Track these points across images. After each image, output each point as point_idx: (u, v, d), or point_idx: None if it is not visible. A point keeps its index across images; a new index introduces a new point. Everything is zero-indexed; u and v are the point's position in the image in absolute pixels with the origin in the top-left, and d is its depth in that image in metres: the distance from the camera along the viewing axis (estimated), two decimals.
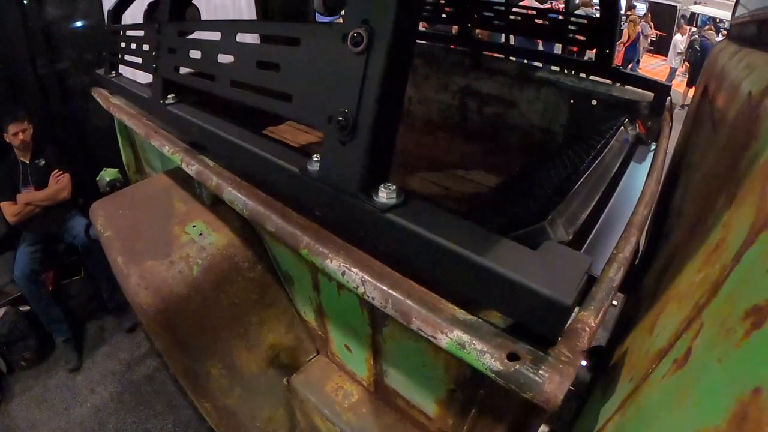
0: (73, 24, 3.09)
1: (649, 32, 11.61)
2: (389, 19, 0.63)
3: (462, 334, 0.58)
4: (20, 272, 2.43)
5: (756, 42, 1.19)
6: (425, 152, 2.51)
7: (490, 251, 0.57)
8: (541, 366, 0.53)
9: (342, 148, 0.71)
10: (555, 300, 0.50)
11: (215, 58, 1.01)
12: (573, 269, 0.54)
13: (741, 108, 0.77)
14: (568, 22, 2.18)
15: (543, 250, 0.58)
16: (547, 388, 0.51)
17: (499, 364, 0.54)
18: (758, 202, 0.41)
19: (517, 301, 0.54)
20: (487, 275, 0.56)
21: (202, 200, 1.34)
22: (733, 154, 0.66)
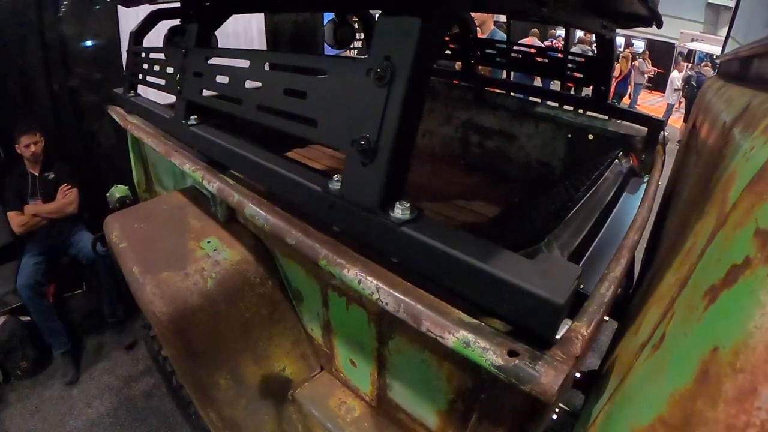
0: (89, 42, 3.25)
1: (646, 69, 12.07)
2: (409, 57, 0.75)
3: (467, 333, 0.67)
4: (23, 282, 2.51)
5: (738, 77, 1.33)
6: (428, 182, 2.63)
7: (492, 259, 0.67)
8: (537, 362, 0.62)
9: (363, 168, 0.81)
10: (549, 300, 0.59)
11: (243, 84, 1.13)
12: (565, 275, 0.64)
13: (717, 137, 0.88)
14: (566, 61, 2.35)
15: (539, 260, 0.68)
16: (543, 380, 0.59)
17: (501, 359, 0.63)
18: (718, 210, 0.52)
19: (516, 302, 0.63)
20: (491, 280, 0.66)
21: (216, 218, 1.44)
22: (707, 177, 0.77)
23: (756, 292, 0.33)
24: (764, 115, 0.65)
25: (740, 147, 0.64)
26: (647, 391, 0.45)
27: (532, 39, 8.17)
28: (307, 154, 2.88)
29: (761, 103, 0.76)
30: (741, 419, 0.30)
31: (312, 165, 2.73)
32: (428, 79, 0.83)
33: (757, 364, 0.30)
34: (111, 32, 3.24)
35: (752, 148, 0.56)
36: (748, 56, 1.33)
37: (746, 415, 0.30)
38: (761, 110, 0.71)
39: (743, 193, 0.45)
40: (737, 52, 1.54)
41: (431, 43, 0.77)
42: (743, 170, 0.51)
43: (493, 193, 2.50)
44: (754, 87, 1.02)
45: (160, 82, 1.62)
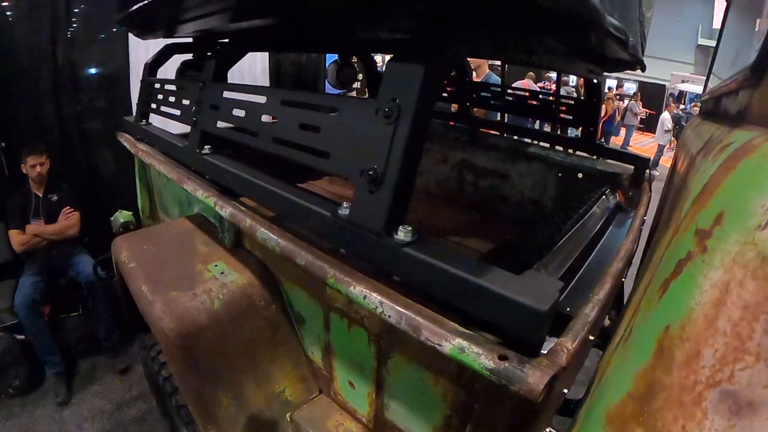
0: (99, 70, 3.44)
1: (638, 111, 12.59)
2: (413, 99, 0.89)
3: (462, 341, 0.78)
4: (21, 300, 2.58)
5: (712, 114, 1.49)
6: (424, 220, 2.77)
7: (485, 275, 0.79)
8: (525, 365, 0.73)
9: (370, 196, 0.94)
10: (534, 308, 0.71)
11: (259, 117, 1.27)
12: (547, 288, 0.76)
13: (686, 167, 1.02)
14: (557, 103, 2.54)
15: (525, 276, 0.80)
16: (530, 380, 0.70)
17: (492, 363, 0.74)
18: (676, 223, 0.64)
19: (505, 311, 0.75)
20: (483, 293, 0.77)
21: (223, 244, 1.55)
22: (674, 202, 0.90)
23: (695, 277, 0.44)
24: (717, 144, 0.79)
25: (698, 171, 0.77)
26: (618, 375, 0.55)
27: (528, 81, 8.58)
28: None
29: (720, 134, 0.90)
30: (690, 378, 0.41)
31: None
32: (430, 118, 0.97)
33: (699, 332, 0.41)
34: (121, 61, 3.44)
35: (704, 170, 0.69)
36: (718, 95, 1.50)
37: (694, 374, 0.40)
38: (717, 140, 0.85)
39: (691, 204, 0.57)
40: (712, 92, 1.73)
41: (433, 86, 0.92)
42: (695, 188, 0.64)
43: (486, 230, 2.63)
44: (720, 122, 1.17)
45: (175, 113, 1.77)
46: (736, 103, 1.04)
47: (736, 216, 0.42)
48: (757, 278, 0.37)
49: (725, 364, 0.38)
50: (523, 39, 1.30)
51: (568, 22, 1.01)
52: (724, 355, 0.38)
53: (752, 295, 0.37)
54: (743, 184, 0.45)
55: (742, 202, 0.42)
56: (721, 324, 0.39)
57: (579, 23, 1.04)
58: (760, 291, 0.37)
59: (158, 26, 1.88)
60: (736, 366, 0.37)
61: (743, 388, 0.37)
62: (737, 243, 0.40)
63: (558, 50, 1.59)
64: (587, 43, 1.35)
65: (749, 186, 0.43)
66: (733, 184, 0.47)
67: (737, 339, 0.37)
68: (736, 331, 0.38)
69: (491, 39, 1.29)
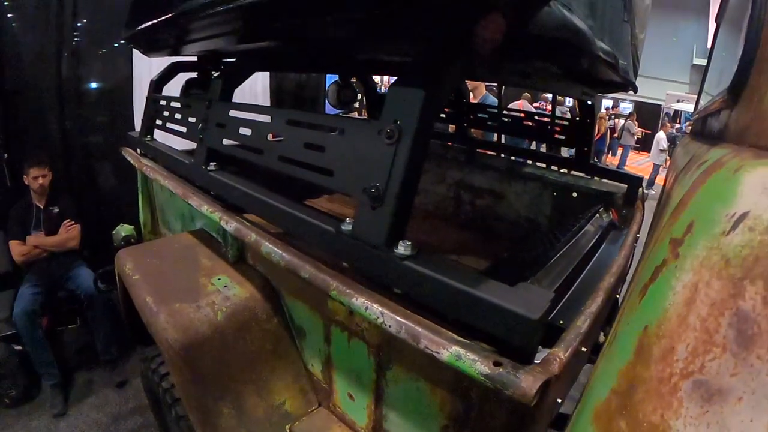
0: (103, 84, 3.51)
1: (634, 131, 12.80)
2: (413, 121, 0.95)
3: (459, 348, 0.82)
4: (20, 310, 2.60)
5: (700, 133, 1.56)
6: (422, 239, 2.82)
7: (480, 286, 0.84)
8: (519, 370, 0.77)
9: (372, 212, 0.99)
10: (526, 316, 0.76)
11: (265, 136, 1.32)
12: (539, 298, 0.80)
13: (672, 183, 1.08)
14: (552, 124, 2.62)
15: (518, 287, 0.85)
16: (523, 384, 0.74)
17: (487, 368, 0.78)
18: (657, 235, 0.69)
19: (500, 320, 0.79)
20: (479, 303, 0.82)
21: (226, 258, 1.60)
22: (659, 217, 0.96)
23: (669, 280, 0.49)
24: (697, 161, 0.85)
25: (679, 186, 0.83)
26: (603, 375, 0.60)
27: (523, 102, 8.74)
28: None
29: (701, 152, 0.96)
30: (667, 372, 0.45)
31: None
32: (429, 139, 1.02)
33: (673, 329, 0.46)
34: (125, 76, 3.52)
35: (683, 186, 0.74)
36: (704, 115, 1.57)
37: (670, 367, 0.45)
38: (698, 158, 0.91)
39: (669, 216, 0.63)
40: (700, 112, 1.80)
41: (432, 109, 0.98)
42: (674, 202, 0.69)
43: (483, 248, 2.69)
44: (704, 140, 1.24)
45: (181, 129, 1.82)
46: (718, 122, 1.10)
47: (704, 225, 0.47)
48: (721, 278, 0.42)
49: (696, 356, 0.43)
50: (517, 63, 1.37)
51: (559, 47, 1.08)
52: (695, 348, 0.43)
53: (717, 293, 0.42)
54: (711, 197, 0.50)
55: (709, 212, 0.47)
56: (691, 320, 0.44)
57: (570, 49, 1.11)
58: (725, 289, 0.42)
59: (164, 45, 1.95)
60: (706, 357, 0.42)
61: (713, 377, 0.41)
62: (704, 248, 0.45)
63: (551, 73, 1.67)
64: (579, 67, 1.42)
65: (716, 198, 0.49)
66: (703, 197, 0.52)
67: (706, 333, 0.42)
68: (704, 326, 0.42)
69: (488, 63, 1.35)
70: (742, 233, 0.42)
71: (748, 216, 0.43)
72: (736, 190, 0.47)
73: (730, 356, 0.41)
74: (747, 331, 0.40)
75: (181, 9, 1.47)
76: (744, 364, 0.40)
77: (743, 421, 0.39)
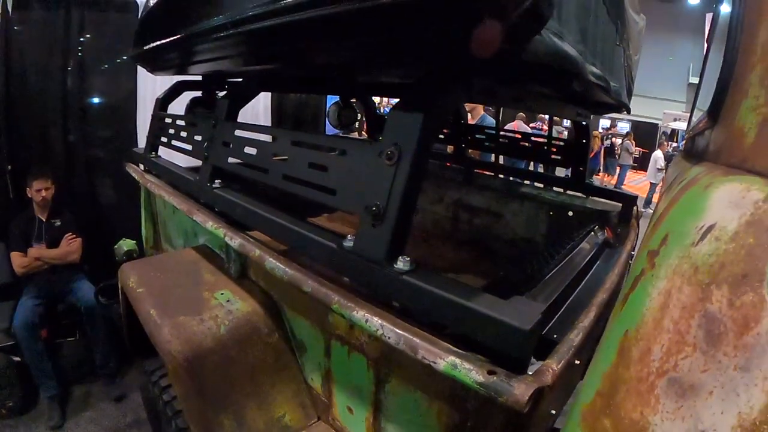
0: (107, 100, 3.59)
1: (632, 150, 12.95)
2: (413, 143, 1.01)
3: (455, 358, 0.86)
4: (21, 321, 2.63)
5: (689, 152, 1.61)
6: (420, 258, 2.85)
7: (476, 299, 0.88)
8: (512, 379, 0.80)
9: (373, 229, 1.04)
10: (518, 327, 0.80)
11: (270, 156, 1.38)
12: (531, 310, 0.85)
13: (659, 201, 1.13)
14: (548, 145, 2.69)
15: (512, 301, 0.90)
16: (516, 392, 0.78)
17: (482, 377, 0.82)
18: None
19: (493, 331, 0.83)
20: (474, 315, 0.86)
21: (228, 274, 1.64)
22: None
23: (646, 288, 0.54)
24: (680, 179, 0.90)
25: (663, 203, 0.88)
26: (590, 379, 0.64)
27: (518, 123, 8.86)
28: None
29: (684, 170, 1.01)
30: (644, 371, 0.49)
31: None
32: (428, 160, 1.08)
33: (649, 332, 0.51)
34: (129, 92, 3.59)
35: (665, 202, 0.79)
36: (693, 135, 1.63)
37: (647, 367, 0.49)
38: (681, 176, 0.96)
39: (650, 230, 0.67)
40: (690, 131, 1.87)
41: (430, 132, 1.03)
42: (655, 218, 0.74)
43: (480, 267, 2.73)
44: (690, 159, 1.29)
45: (186, 147, 1.88)
46: (702, 142, 1.16)
47: (677, 237, 0.52)
48: (691, 284, 0.47)
49: (670, 355, 0.47)
50: (512, 87, 1.43)
51: (551, 73, 1.14)
52: (669, 348, 0.47)
53: (688, 297, 0.47)
54: (684, 211, 0.55)
55: (682, 225, 0.52)
56: (665, 323, 0.48)
57: (562, 74, 1.17)
58: (694, 294, 0.46)
59: (170, 65, 2.02)
60: (679, 356, 0.46)
61: (685, 374, 0.45)
62: (677, 258, 0.50)
63: (545, 96, 1.74)
64: (571, 90, 1.49)
65: (688, 212, 0.53)
66: (677, 212, 0.57)
67: (678, 334, 0.47)
68: (677, 328, 0.47)
69: (484, 87, 1.42)
70: (709, 243, 0.47)
71: (715, 227, 0.48)
72: (705, 204, 0.51)
73: (700, 354, 0.45)
74: (714, 330, 0.44)
75: (188, 32, 1.54)
76: (713, 360, 0.44)
77: (714, 413, 0.43)
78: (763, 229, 0.44)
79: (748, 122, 0.57)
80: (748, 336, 0.42)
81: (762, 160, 0.53)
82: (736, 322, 0.43)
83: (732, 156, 0.60)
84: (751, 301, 0.43)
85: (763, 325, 0.42)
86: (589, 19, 1.45)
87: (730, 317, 0.44)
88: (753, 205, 0.47)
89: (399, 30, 0.89)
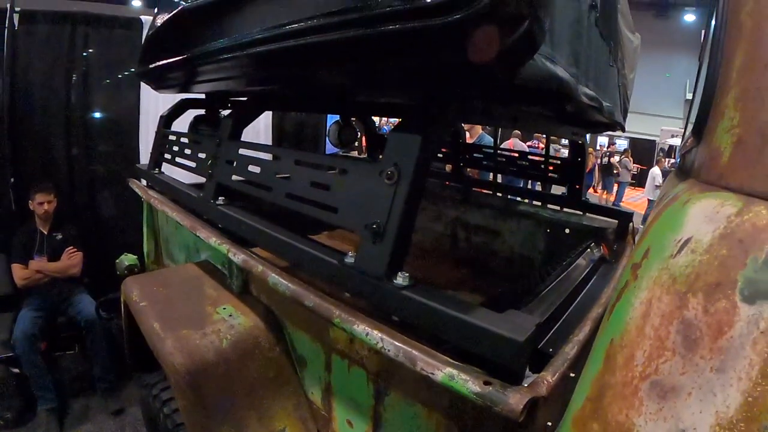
0: (110, 115, 3.64)
1: (631, 167, 13.03)
2: (412, 164, 1.05)
3: (452, 370, 0.89)
4: (21, 333, 2.65)
5: (681, 170, 1.65)
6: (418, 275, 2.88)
7: (472, 313, 0.92)
8: (507, 389, 0.83)
9: (373, 246, 1.08)
10: (513, 339, 0.83)
11: (274, 174, 1.42)
12: (525, 323, 0.88)
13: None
14: (545, 163, 2.74)
15: (506, 314, 0.93)
16: (511, 401, 0.81)
17: (478, 387, 0.85)
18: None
19: (489, 343, 0.87)
20: (470, 328, 0.89)
21: (230, 289, 1.67)
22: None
23: (630, 299, 0.58)
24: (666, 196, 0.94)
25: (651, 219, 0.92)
26: (580, 387, 0.67)
27: (514, 141, 8.94)
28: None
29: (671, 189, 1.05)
30: (628, 375, 0.53)
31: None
32: (426, 179, 1.12)
33: (632, 339, 0.54)
34: (132, 108, 3.65)
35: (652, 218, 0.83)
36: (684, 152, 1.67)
37: (631, 372, 0.53)
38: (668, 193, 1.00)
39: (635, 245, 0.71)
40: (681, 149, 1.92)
41: (429, 153, 1.08)
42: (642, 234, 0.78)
43: (478, 284, 2.75)
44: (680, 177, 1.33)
45: (190, 164, 1.93)
46: (690, 159, 1.20)
47: (658, 250, 0.56)
48: (670, 293, 0.51)
49: (652, 360, 0.50)
50: (507, 108, 1.49)
51: (544, 95, 1.19)
52: (651, 353, 0.51)
53: (667, 306, 0.50)
54: (664, 226, 0.59)
55: (662, 239, 0.56)
56: (647, 330, 0.52)
57: (554, 96, 1.22)
58: (672, 302, 0.50)
59: (174, 83, 2.07)
60: (660, 360, 0.50)
61: (666, 376, 0.49)
62: (657, 269, 0.54)
63: (540, 116, 1.79)
64: (565, 111, 1.54)
65: (668, 227, 0.57)
66: (658, 226, 0.61)
67: (658, 340, 0.50)
68: (657, 334, 0.50)
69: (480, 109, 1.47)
70: (686, 255, 0.51)
71: (691, 240, 0.52)
72: (683, 219, 0.55)
73: (679, 358, 0.48)
74: (691, 335, 0.48)
75: (194, 52, 1.59)
76: (690, 363, 0.48)
77: (693, 413, 0.46)
78: (735, 241, 0.48)
79: (723, 142, 0.61)
80: (723, 340, 0.46)
81: (735, 177, 0.57)
82: (711, 328, 0.47)
83: (710, 174, 0.64)
84: (724, 308, 0.46)
85: (735, 329, 0.45)
86: (582, 41, 1.51)
87: (705, 323, 0.47)
88: (726, 219, 0.51)
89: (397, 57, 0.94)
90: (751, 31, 0.62)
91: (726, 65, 0.72)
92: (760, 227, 0.48)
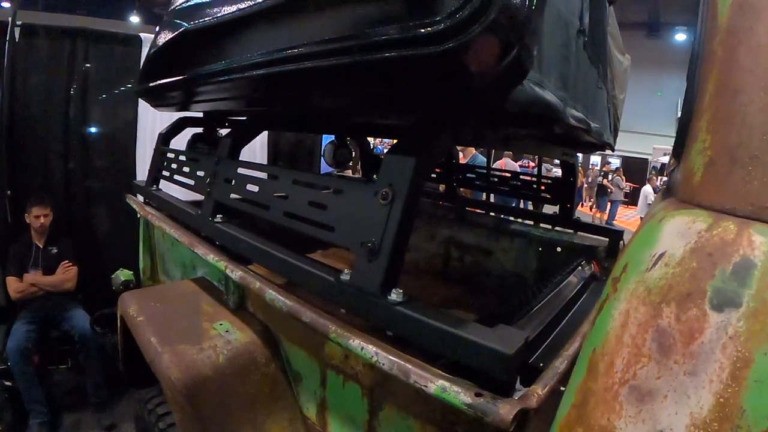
0: (108, 130, 3.67)
1: (623, 185, 13.14)
2: (406, 184, 1.10)
3: (444, 382, 0.92)
4: (14, 346, 2.64)
5: (668, 188, 1.70)
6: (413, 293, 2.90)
7: (463, 327, 0.95)
8: (497, 400, 0.86)
9: (368, 263, 1.12)
10: (502, 352, 0.86)
11: (272, 193, 1.46)
12: (514, 337, 0.92)
13: None
14: (536, 183, 2.80)
15: (496, 328, 0.97)
16: (501, 412, 0.84)
17: (470, 399, 0.87)
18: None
19: (479, 356, 0.90)
20: (462, 342, 0.93)
21: (227, 306, 1.69)
22: None
23: (610, 311, 0.61)
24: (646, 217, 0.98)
25: None
26: (566, 396, 0.70)
27: (505, 161, 9.02)
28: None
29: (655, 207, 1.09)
30: (609, 381, 0.57)
31: None
32: (419, 200, 1.17)
33: (612, 347, 0.58)
34: (129, 124, 3.68)
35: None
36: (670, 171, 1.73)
37: (611, 378, 0.57)
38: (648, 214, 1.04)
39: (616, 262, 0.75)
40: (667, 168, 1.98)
41: (422, 174, 1.13)
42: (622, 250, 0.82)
43: (471, 303, 2.78)
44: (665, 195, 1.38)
45: (188, 182, 1.96)
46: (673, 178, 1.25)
47: (635, 264, 0.60)
48: (645, 304, 0.54)
49: (630, 366, 0.54)
50: (498, 131, 1.54)
51: (533, 118, 1.24)
52: (629, 360, 0.54)
53: (643, 315, 0.54)
54: (641, 242, 0.63)
55: (639, 254, 0.60)
56: (625, 339, 0.55)
57: (543, 119, 1.28)
58: (648, 312, 0.54)
59: (173, 102, 2.12)
60: (637, 366, 0.53)
61: (643, 381, 0.52)
62: (634, 282, 0.58)
63: (531, 138, 1.85)
64: (553, 133, 1.59)
65: (644, 242, 0.62)
66: (636, 242, 0.65)
67: (636, 347, 0.54)
68: (634, 342, 0.54)
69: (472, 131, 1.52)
70: (660, 268, 0.55)
71: (665, 255, 0.56)
72: (658, 235, 0.60)
73: (654, 364, 0.52)
74: (665, 342, 0.52)
75: (193, 73, 1.64)
76: (665, 368, 0.51)
77: (670, 414, 0.50)
78: (704, 254, 0.53)
79: (697, 163, 0.66)
80: (694, 345, 0.50)
81: (706, 195, 0.62)
82: (683, 334, 0.51)
83: (685, 192, 0.68)
84: (695, 316, 0.50)
85: (706, 335, 0.49)
86: (570, 66, 1.57)
87: (678, 330, 0.51)
88: (696, 235, 0.55)
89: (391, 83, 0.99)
90: (721, 60, 0.67)
91: (701, 91, 0.77)
92: (728, 241, 0.52)
